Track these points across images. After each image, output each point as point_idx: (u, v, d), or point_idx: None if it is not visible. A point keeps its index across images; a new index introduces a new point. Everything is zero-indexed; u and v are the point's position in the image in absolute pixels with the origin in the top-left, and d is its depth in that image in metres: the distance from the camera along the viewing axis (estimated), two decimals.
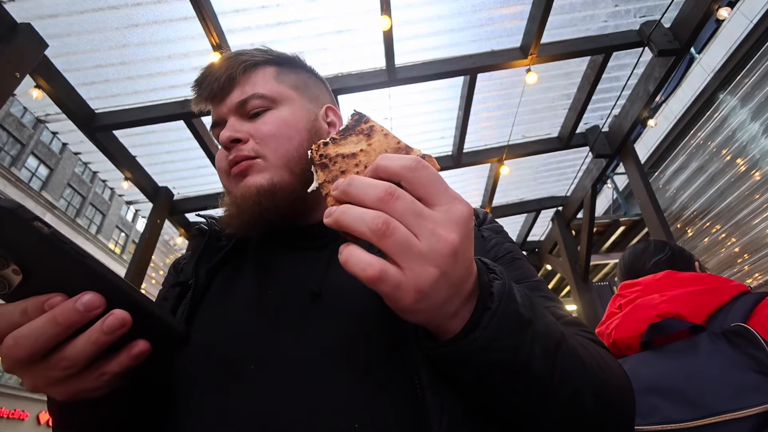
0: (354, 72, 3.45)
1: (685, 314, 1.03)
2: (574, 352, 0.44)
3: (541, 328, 0.42)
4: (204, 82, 0.68)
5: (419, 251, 0.35)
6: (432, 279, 0.36)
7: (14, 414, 16.04)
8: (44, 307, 0.36)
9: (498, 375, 0.40)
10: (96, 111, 3.48)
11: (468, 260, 0.38)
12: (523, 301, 0.42)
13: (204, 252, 0.67)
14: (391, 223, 0.35)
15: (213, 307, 0.60)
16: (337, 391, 0.46)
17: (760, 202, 5.61)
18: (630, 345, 1.09)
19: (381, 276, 0.35)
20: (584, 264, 5.23)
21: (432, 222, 0.36)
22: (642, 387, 0.95)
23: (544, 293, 0.61)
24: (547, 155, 4.76)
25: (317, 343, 0.50)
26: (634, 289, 1.22)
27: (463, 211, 0.37)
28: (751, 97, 5.75)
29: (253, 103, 0.66)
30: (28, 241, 0.35)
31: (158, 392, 0.51)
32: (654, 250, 1.35)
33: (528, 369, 0.40)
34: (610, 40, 3.47)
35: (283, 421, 0.45)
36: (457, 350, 0.39)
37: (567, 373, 0.42)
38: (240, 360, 0.51)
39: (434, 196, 0.37)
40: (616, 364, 0.51)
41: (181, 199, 4.66)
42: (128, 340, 0.40)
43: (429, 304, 0.37)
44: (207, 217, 0.71)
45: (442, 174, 0.39)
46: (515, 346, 0.39)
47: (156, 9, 2.95)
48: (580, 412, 0.42)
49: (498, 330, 0.39)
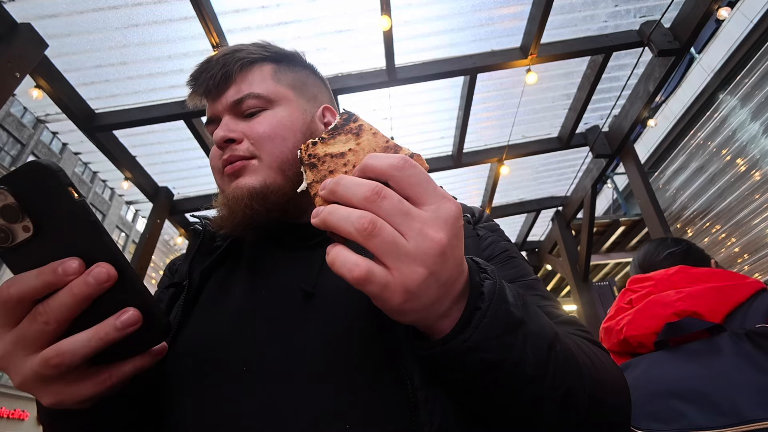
0: (354, 72, 3.45)
1: (703, 312, 0.98)
2: (568, 352, 0.43)
3: (534, 328, 0.41)
4: (200, 78, 0.66)
5: (406, 251, 0.35)
6: (420, 279, 0.35)
7: (14, 414, 16.04)
8: (58, 271, 0.35)
9: (489, 375, 0.39)
10: (96, 111, 3.48)
11: (458, 259, 0.38)
12: (515, 301, 0.41)
13: (198, 253, 0.66)
14: (377, 223, 0.35)
15: (206, 308, 0.60)
16: (329, 392, 0.46)
17: (760, 202, 5.61)
18: (642, 343, 1.04)
19: (367, 276, 0.35)
20: (584, 264, 5.23)
21: (419, 221, 0.36)
22: (661, 390, 0.91)
23: (540, 292, 0.60)
24: (547, 155, 4.76)
25: (310, 344, 0.50)
26: (646, 284, 1.16)
27: (452, 210, 0.37)
28: (751, 97, 5.75)
29: (248, 103, 0.64)
30: (56, 203, 0.35)
31: (148, 395, 0.50)
32: (671, 242, 1.31)
33: (520, 369, 0.39)
34: (610, 40, 3.47)
35: (275, 422, 0.44)
36: (447, 350, 0.39)
37: (560, 373, 0.41)
38: (232, 361, 0.50)
39: (422, 196, 0.37)
40: (612, 364, 0.51)
41: (181, 199, 4.66)
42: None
43: (418, 304, 0.37)
44: (201, 217, 0.71)
45: (442, 174, 0.40)
46: (506, 346, 0.39)
47: (156, 9, 2.95)
48: (573, 412, 0.42)
49: (489, 330, 0.38)
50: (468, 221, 0.69)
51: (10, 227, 0.35)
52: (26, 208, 0.35)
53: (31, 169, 0.34)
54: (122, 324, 0.37)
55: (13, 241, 0.35)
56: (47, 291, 0.36)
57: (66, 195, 0.35)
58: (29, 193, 0.35)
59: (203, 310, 0.60)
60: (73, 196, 0.35)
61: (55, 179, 0.35)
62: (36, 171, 0.34)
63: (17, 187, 0.34)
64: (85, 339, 0.36)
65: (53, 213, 0.35)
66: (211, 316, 0.58)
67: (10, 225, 0.35)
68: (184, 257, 0.69)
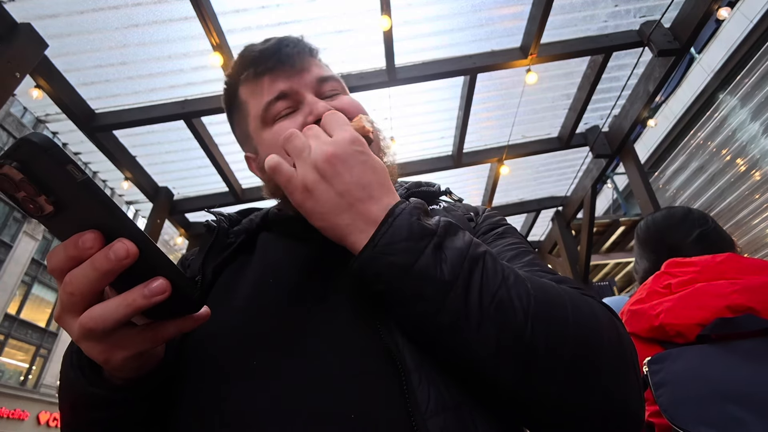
0: (354, 72, 3.45)
1: (759, 309, 0.89)
2: (503, 271, 0.45)
3: (455, 243, 0.46)
4: (279, 52, 0.67)
5: (307, 156, 0.49)
6: (313, 179, 0.47)
7: (14, 414, 16.03)
8: (78, 243, 0.37)
9: (405, 283, 0.43)
10: (96, 111, 3.48)
11: (357, 178, 0.48)
12: (441, 226, 0.47)
13: (212, 249, 0.67)
14: (294, 133, 0.51)
15: (217, 303, 0.60)
16: (336, 385, 0.47)
17: (760, 202, 5.61)
18: (682, 333, 0.95)
19: (277, 166, 0.49)
20: (584, 264, 5.23)
21: (321, 140, 0.50)
22: (713, 392, 0.83)
23: (531, 261, 0.58)
24: (547, 155, 4.76)
25: (318, 339, 0.51)
26: (689, 269, 1.06)
27: (344, 135, 0.50)
28: (751, 97, 5.75)
29: (332, 84, 0.70)
30: (60, 180, 0.34)
31: (163, 391, 0.51)
32: (698, 219, 1.18)
33: (430, 275, 0.43)
34: (610, 40, 3.47)
35: (284, 416, 0.45)
36: (362, 261, 0.45)
37: (486, 286, 0.43)
38: (242, 356, 0.51)
39: (331, 128, 0.52)
40: (602, 311, 0.48)
41: (181, 199, 4.65)
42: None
43: (317, 205, 0.48)
44: (216, 213, 0.71)
45: (442, 174, 0.44)
46: (413, 250, 0.44)
47: (156, 9, 2.95)
48: (519, 347, 0.41)
49: (394, 235, 0.44)
50: (470, 219, 0.71)
51: (36, 200, 0.35)
52: (37, 184, 0.34)
53: (25, 144, 0.32)
54: (150, 292, 0.38)
55: (43, 212, 0.36)
56: (73, 263, 0.38)
57: (66, 173, 0.34)
58: (32, 168, 0.33)
59: (214, 304, 0.60)
60: (73, 174, 0.34)
61: (49, 156, 0.33)
62: (31, 147, 0.32)
63: (20, 162, 0.33)
64: (114, 305, 0.38)
65: (62, 189, 0.35)
66: (222, 311, 0.58)
67: (35, 198, 0.35)
68: (198, 253, 0.70)
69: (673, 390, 0.87)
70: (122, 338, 0.41)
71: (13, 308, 16.82)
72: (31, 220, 2.76)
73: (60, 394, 0.50)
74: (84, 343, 0.41)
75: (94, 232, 0.37)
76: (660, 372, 0.91)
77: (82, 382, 0.45)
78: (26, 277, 17.38)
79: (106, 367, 0.43)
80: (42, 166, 0.33)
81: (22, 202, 0.35)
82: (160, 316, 0.43)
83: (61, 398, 0.49)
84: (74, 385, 0.46)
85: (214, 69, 3.15)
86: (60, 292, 0.39)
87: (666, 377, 0.90)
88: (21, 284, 17.04)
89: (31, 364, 17.75)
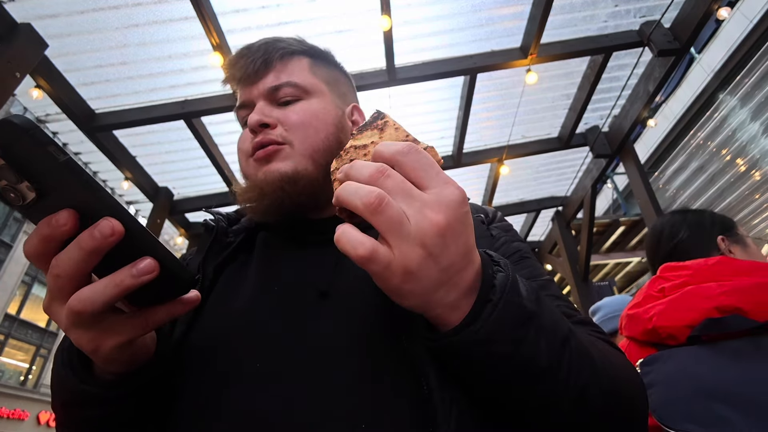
0: (354, 72, 3.44)
1: (747, 310, 0.90)
2: (583, 349, 0.43)
3: (547, 323, 0.41)
4: (239, 63, 0.68)
5: (408, 231, 0.36)
6: (419, 259, 0.36)
7: (14, 414, 16.04)
8: (51, 222, 0.35)
9: (502, 368, 0.39)
10: (96, 111, 3.48)
11: (463, 246, 0.38)
12: (528, 295, 0.41)
13: (211, 248, 0.66)
14: (384, 200, 0.36)
15: (218, 303, 0.60)
16: (344, 391, 0.46)
17: (760, 202, 5.62)
18: (673, 335, 0.97)
19: (371, 255, 0.36)
20: (584, 264, 5.23)
21: (420, 202, 0.37)
22: (699, 390, 0.85)
23: (553, 292, 0.60)
24: (547, 155, 4.76)
25: (323, 342, 0.50)
26: (682, 272, 1.08)
27: (454, 194, 0.38)
28: (751, 97, 5.75)
29: (285, 91, 0.67)
30: (41, 163, 0.33)
31: (159, 390, 0.50)
32: (668, 235, 1.25)
33: (533, 363, 0.39)
34: (609, 40, 3.46)
35: (288, 421, 0.44)
36: (457, 343, 0.38)
37: (575, 368, 0.41)
38: (246, 357, 0.51)
39: (424, 179, 0.38)
40: (627, 363, 0.51)
41: (181, 199, 4.65)
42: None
43: (417, 286, 0.37)
44: (215, 213, 0.71)
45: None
46: (518, 338, 0.38)
47: (156, 9, 2.95)
48: (588, 409, 0.42)
49: (499, 322, 0.38)
50: (482, 221, 0.70)
51: (17, 187, 0.34)
52: (18, 169, 0.33)
53: (6, 125, 0.31)
54: (138, 272, 0.37)
55: (25, 201, 0.35)
56: (47, 244, 0.36)
57: (48, 155, 0.32)
58: (12, 153, 0.32)
59: (216, 305, 0.60)
60: (55, 156, 0.32)
61: (30, 137, 0.31)
62: (9, 129, 0.31)
63: (1, 148, 0.32)
64: (102, 286, 0.37)
65: (44, 172, 0.33)
66: (223, 312, 0.58)
67: (16, 185, 0.34)
68: (196, 252, 0.69)
69: (662, 390, 0.89)
70: (111, 325, 0.40)
71: (13, 308, 16.83)
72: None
73: (52, 393, 0.49)
74: (73, 332, 0.40)
75: (68, 210, 0.36)
76: (651, 373, 0.93)
77: (73, 380, 0.45)
78: (26, 277, 17.39)
79: (95, 358, 0.42)
80: (23, 149, 0.32)
81: (3, 192, 0.34)
82: (148, 302, 0.42)
83: (54, 397, 0.49)
84: (65, 383, 0.46)
85: (214, 69, 3.15)
86: (47, 277, 0.38)
87: (656, 378, 0.92)
88: (21, 284, 17.05)
89: (31, 364, 17.76)
